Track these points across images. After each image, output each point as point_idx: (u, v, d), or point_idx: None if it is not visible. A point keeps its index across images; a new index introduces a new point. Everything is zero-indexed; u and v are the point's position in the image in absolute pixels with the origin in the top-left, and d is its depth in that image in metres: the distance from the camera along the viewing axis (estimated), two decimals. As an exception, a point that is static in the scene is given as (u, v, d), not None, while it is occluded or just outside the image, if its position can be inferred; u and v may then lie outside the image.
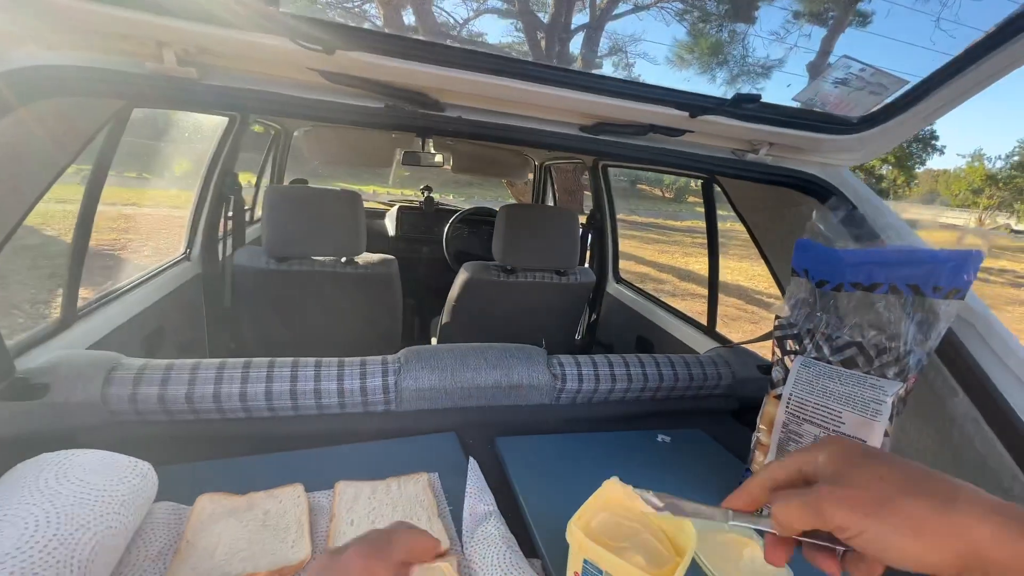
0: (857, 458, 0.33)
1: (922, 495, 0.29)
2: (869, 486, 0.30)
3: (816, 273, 0.64)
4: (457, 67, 0.58)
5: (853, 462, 0.32)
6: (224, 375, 0.71)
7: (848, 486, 0.31)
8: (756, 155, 0.76)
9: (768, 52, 7.23)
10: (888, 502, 0.29)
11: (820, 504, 0.31)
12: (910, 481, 0.30)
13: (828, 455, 0.33)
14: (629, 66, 4.25)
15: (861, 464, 0.32)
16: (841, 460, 0.33)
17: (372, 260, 1.59)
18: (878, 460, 0.32)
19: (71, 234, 0.94)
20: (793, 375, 0.64)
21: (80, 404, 0.65)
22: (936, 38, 2.23)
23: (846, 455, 0.33)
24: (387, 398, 0.77)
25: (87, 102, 0.65)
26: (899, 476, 0.30)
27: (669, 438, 0.88)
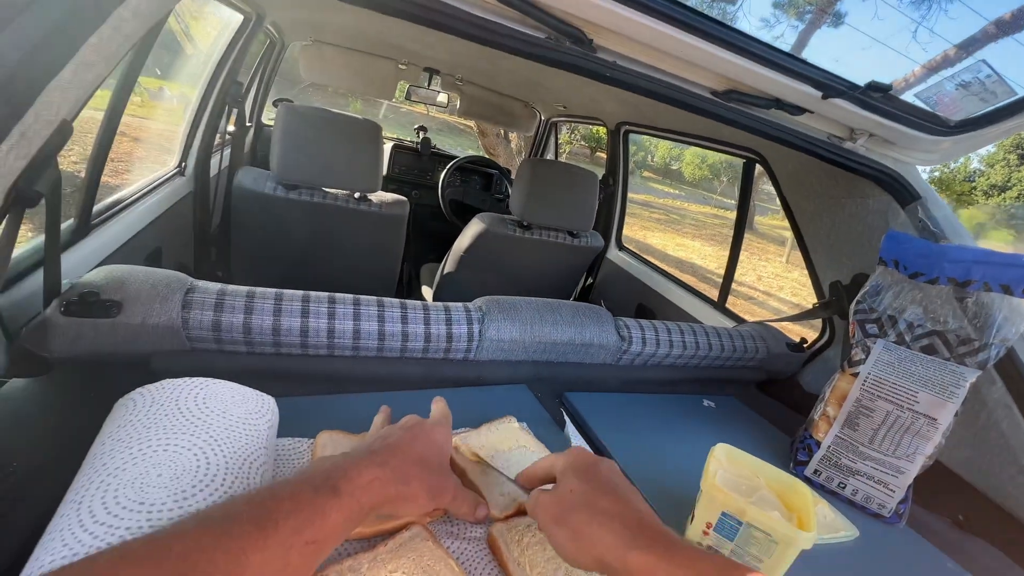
0: (568, 471, 0.43)
1: (587, 511, 0.39)
2: (559, 501, 0.41)
3: (910, 265, 0.68)
4: (618, 1, 0.54)
5: (565, 474, 0.43)
6: (311, 308, 0.66)
7: (553, 495, 0.42)
8: (853, 144, 0.78)
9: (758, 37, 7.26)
10: (566, 515, 0.40)
11: (535, 503, 0.43)
12: (581, 502, 0.40)
13: (562, 464, 0.45)
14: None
15: (567, 478, 0.43)
16: (562, 470, 0.44)
17: (386, 200, 1.50)
18: (579, 477, 0.42)
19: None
20: (874, 356, 0.69)
21: (158, 327, 0.58)
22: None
23: (566, 466, 0.44)
24: (470, 346, 0.76)
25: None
26: (578, 496, 0.40)
27: (713, 403, 0.93)
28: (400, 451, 0.42)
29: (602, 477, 0.42)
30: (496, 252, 1.65)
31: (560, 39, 0.56)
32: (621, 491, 0.41)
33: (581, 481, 0.41)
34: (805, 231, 1.10)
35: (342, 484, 0.36)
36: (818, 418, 0.75)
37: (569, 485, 0.42)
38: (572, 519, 0.39)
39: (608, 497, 0.40)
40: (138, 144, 3.50)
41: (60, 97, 0.36)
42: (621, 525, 0.37)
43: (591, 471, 0.43)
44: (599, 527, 0.37)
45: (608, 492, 0.40)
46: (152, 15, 0.49)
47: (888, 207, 0.85)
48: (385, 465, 0.39)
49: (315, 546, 0.33)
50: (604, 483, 0.41)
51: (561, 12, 0.55)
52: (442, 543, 0.47)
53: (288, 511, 0.32)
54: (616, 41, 0.60)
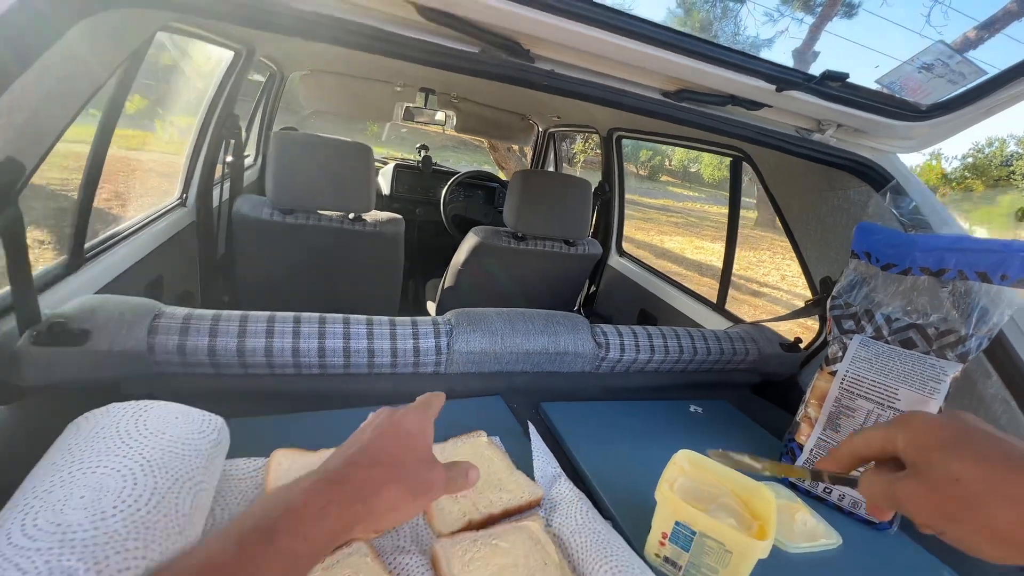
0: (934, 451, 0.32)
1: (1002, 498, 0.28)
2: (945, 489, 0.30)
3: (882, 256, 0.65)
4: (552, 12, 0.54)
5: (930, 457, 0.32)
6: (276, 329, 0.67)
7: (925, 484, 0.31)
8: (822, 135, 0.76)
9: (758, 32, 7.15)
10: (965, 508, 0.29)
11: (900, 500, 0.32)
12: (988, 484, 0.29)
13: (906, 441, 0.34)
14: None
15: (937, 461, 0.31)
16: (918, 450, 0.33)
17: (380, 218, 1.53)
18: (954, 455, 0.31)
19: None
20: (851, 353, 0.66)
21: (124, 353, 0.60)
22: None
23: (923, 444, 0.33)
24: (438, 359, 0.76)
25: (129, 19, 0.58)
26: (976, 478, 0.29)
27: (701, 409, 0.91)
28: (362, 459, 0.37)
29: (986, 447, 0.31)
30: (492, 264, 1.66)
31: (494, 52, 0.57)
32: (1018, 455, 0.30)
33: (961, 459, 0.30)
34: (794, 227, 1.07)
35: (280, 524, 0.31)
36: (800, 420, 0.72)
37: (945, 470, 0.31)
38: (984, 519, 0.29)
39: (1015, 474, 0.29)
40: (164, 179, 3.67)
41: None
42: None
43: (966, 441, 0.31)
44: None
45: (1011, 465, 0.29)
46: (107, 56, 0.52)
47: (868, 198, 0.82)
48: (343, 483, 0.34)
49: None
50: (999, 455, 0.30)
51: (492, 26, 0.56)
52: (384, 559, 0.46)
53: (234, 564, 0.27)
54: (555, 50, 0.61)
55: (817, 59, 3.18)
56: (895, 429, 0.35)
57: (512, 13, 0.53)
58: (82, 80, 0.52)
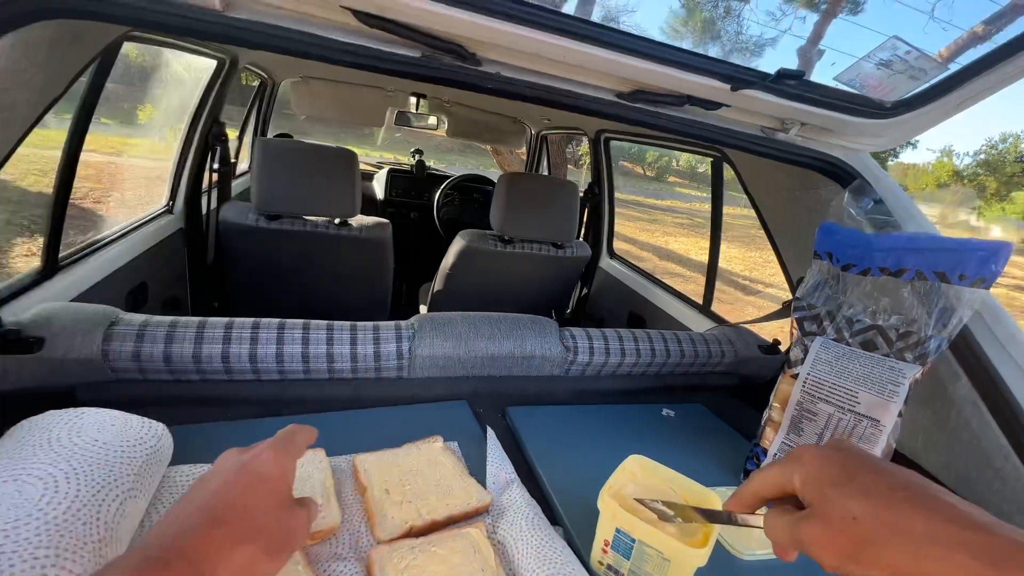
0: (827, 488, 0.31)
1: (900, 536, 0.27)
2: (843, 529, 0.29)
3: (842, 257, 0.64)
4: (497, 16, 0.54)
5: (825, 494, 0.31)
6: (232, 335, 0.67)
7: (824, 524, 0.30)
8: (786, 135, 0.75)
9: (762, 31, 7.14)
10: (863, 546, 0.28)
11: (803, 542, 0.30)
12: (879, 521, 0.28)
13: (801, 479, 0.32)
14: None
15: (832, 498, 0.30)
16: (813, 488, 0.32)
17: (366, 223, 1.53)
18: (846, 491, 0.30)
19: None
20: (812, 355, 0.65)
21: (79, 360, 0.61)
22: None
23: (816, 481, 0.32)
24: (400, 364, 0.76)
25: (81, 30, 0.59)
26: (868, 515, 0.29)
27: (673, 412, 0.89)
28: (202, 520, 0.31)
29: (879, 481, 0.30)
30: (480, 268, 1.66)
31: (437, 56, 0.57)
32: (928, 496, 0.29)
33: (856, 497, 0.30)
34: (772, 227, 1.05)
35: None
36: (765, 424, 0.71)
37: (842, 509, 0.30)
38: (884, 555, 0.27)
39: (919, 512, 0.28)
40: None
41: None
42: (969, 556, 0.26)
43: (858, 476, 0.31)
44: (935, 563, 0.26)
45: (911, 502, 0.28)
46: (56, 68, 0.52)
47: (836, 196, 0.81)
48: (175, 560, 0.28)
49: None
50: (891, 490, 0.29)
51: (436, 30, 0.56)
52: (319, 566, 0.46)
53: None
54: (502, 53, 0.60)
55: (822, 57, 3.15)
56: (790, 467, 0.33)
57: (454, 18, 0.53)
58: (23, 92, 0.52)
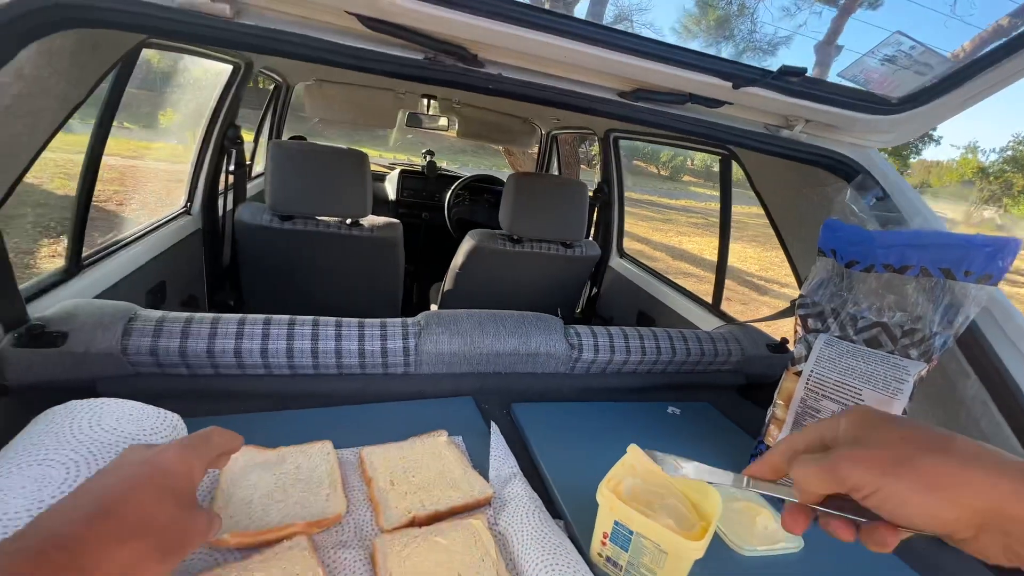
0: (878, 422, 0.32)
1: (942, 452, 0.28)
2: (887, 446, 0.30)
3: (845, 253, 0.64)
4: (499, 19, 0.55)
5: (873, 426, 0.32)
6: (245, 331, 0.70)
7: (865, 447, 0.30)
8: (791, 132, 0.75)
9: (776, 29, 7.03)
10: (906, 460, 0.28)
11: (837, 465, 0.30)
12: (931, 440, 0.29)
13: (849, 421, 0.33)
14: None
15: (880, 427, 0.31)
16: (861, 425, 0.32)
17: (377, 223, 1.56)
18: (899, 423, 0.31)
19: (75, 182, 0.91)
20: (816, 352, 0.65)
21: (100, 354, 0.63)
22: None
23: (867, 420, 0.32)
24: (407, 360, 0.77)
25: (100, 39, 0.62)
26: (920, 436, 0.30)
27: (679, 410, 0.89)
28: (89, 513, 0.29)
29: (908, 422, 0.32)
30: (490, 267, 1.67)
31: (440, 58, 0.58)
32: (968, 439, 0.30)
33: (898, 428, 0.31)
34: (780, 225, 1.05)
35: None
36: (769, 422, 0.71)
37: (883, 436, 0.31)
38: (918, 464, 0.28)
39: (962, 441, 0.29)
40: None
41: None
42: (998, 460, 0.27)
43: (897, 419, 0.32)
44: (973, 468, 0.27)
45: (954, 435, 0.30)
46: (83, 73, 0.55)
47: (842, 193, 0.80)
48: (52, 550, 0.26)
49: None
50: (921, 425, 0.31)
51: (439, 33, 0.57)
52: (324, 553, 0.48)
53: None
54: (504, 55, 0.61)
55: (840, 53, 3.07)
56: (834, 419, 0.34)
57: (455, 20, 0.55)
58: (47, 99, 0.55)
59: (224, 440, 0.40)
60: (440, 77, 0.58)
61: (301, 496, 0.53)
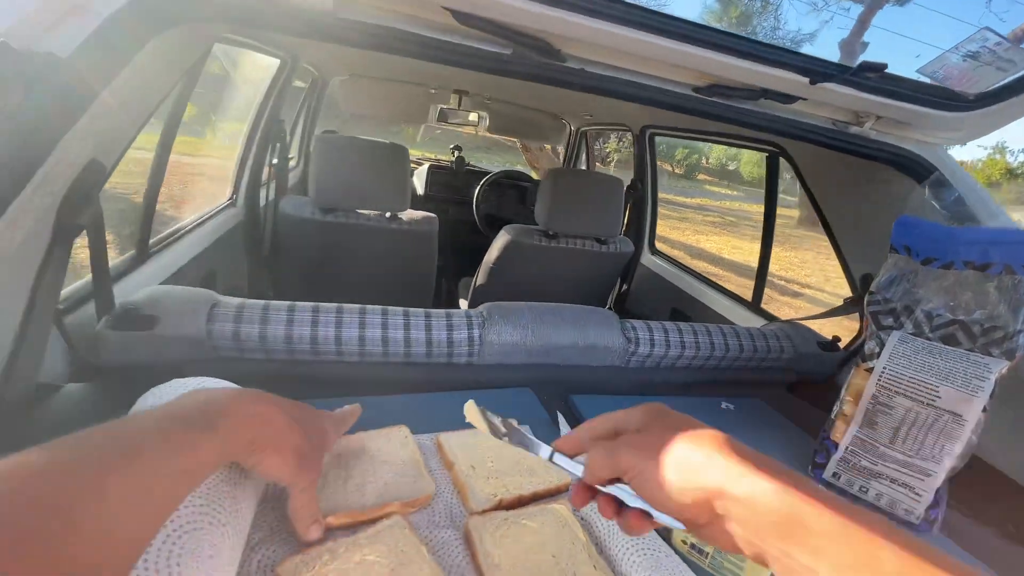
0: (661, 415, 0.36)
1: (696, 440, 0.31)
2: (657, 434, 0.33)
3: (922, 250, 0.64)
4: (581, 12, 0.56)
5: (655, 417, 0.36)
6: (320, 318, 0.72)
7: (642, 434, 0.35)
8: (860, 128, 0.75)
9: (800, 25, 6.84)
10: (665, 445, 0.32)
11: (617, 449, 0.34)
12: (693, 432, 0.32)
13: (641, 413, 0.37)
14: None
15: (660, 418, 0.36)
16: (648, 416, 0.36)
17: (415, 217, 1.58)
18: (677, 417, 0.36)
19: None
20: (889, 349, 0.65)
21: (187, 338, 0.66)
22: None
23: (652, 413, 0.37)
24: (471, 350, 0.79)
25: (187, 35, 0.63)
26: (686, 427, 0.33)
27: (733, 406, 0.90)
28: (288, 404, 0.43)
29: (682, 417, 0.36)
30: (524, 262, 1.68)
31: (526, 52, 0.59)
32: (719, 432, 0.34)
33: (671, 418, 0.36)
34: (833, 223, 1.04)
35: (219, 420, 0.35)
36: (836, 418, 0.71)
37: (658, 424, 0.35)
38: (673, 448, 0.32)
39: (712, 434, 0.33)
40: (212, 182, 3.89)
41: (80, 142, 0.44)
42: (731, 450, 0.31)
43: (677, 414, 0.37)
44: (710, 453, 0.30)
45: (697, 424, 0.35)
46: (173, 66, 0.57)
47: (911, 191, 0.80)
48: (270, 404, 0.41)
49: (185, 477, 0.32)
50: (693, 422, 0.35)
51: (525, 27, 0.58)
52: (420, 532, 0.49)
53: (154, 441, 0.30)
54: (585, 49, 0.62)
55: (866, 50, 3.03)
56: (633, 411, 0.38)
57: (543, 15, 0.56)
58: (151, 91, 0.57)
59: (352, 419, 0.49)
60: (526, 71, 0.59)
61: (390, 478, 0.54)
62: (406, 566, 0.44)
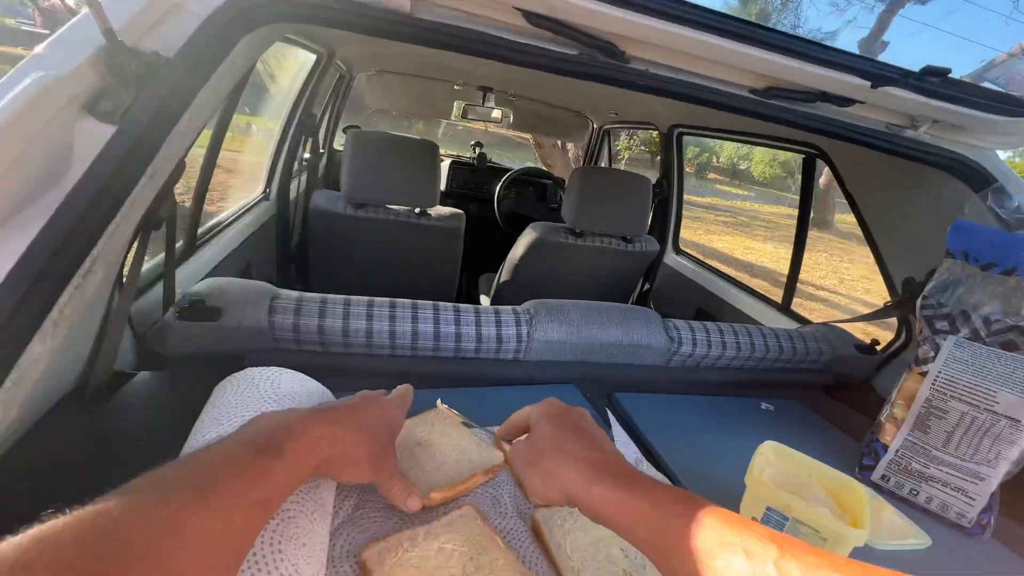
0: (540, 420, 0.45)
1: (553, 454, 0.40)
2: (534, 444, 0.43)
3: (982, 256, 0.64)
4: (647, 13, 0.57)
5: (537, 423, 0.45)
6: (374, 312, 0.73)
7: (527, 442, 0.44)
8: (915, 132, 0.74)
9: (821, 24, 6.75)
10: (539, 456, 0.41)
11: (513, 454, 0.45)
12: (553, 442, 0.41)
13: (534, 414, 0.46)
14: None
15: (537, 425, 0.45)
16: (536, 419, 0.45)
17: (443, 213, 1.59)
18: (548, 422, 0.44)
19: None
20: (945, 353, 0.65)
21: (250, 329, 0.67)
22: None
23: (539, 415, 0.45)
24: (519, 347, 0.80)
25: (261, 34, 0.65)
26: (548, 436, 0.42)
27: (772, 407, 0.90)
28: (350, 414, 0.43)
29: (571, 423, 0.44)
30: (550, 260, 1.69)
31: (592, 54, 0.60)
32: (588, 434, 0.43)
33: (552, 427, 0.43)
34: (873, 227, 1.04)
35: (287, 443, 0.35)
36: (885, 420, 0.71)
37: (540, 432, 0.43)
38: (543, 462, 0.40)
39: (576, 439, 0.41)
40: (230, 175, 3.93)
41: (180, 140, 0.45)
42: (585, 464, 0.38)
43: (562, 417, 0.44)
44: (566, 467, 0.39)
45: (576, 435, 0.42)
46: (244, 65, 0.58)
47: (963, 196, 0.80)
48: (334, 423, 0.40)
49: (260, 508, 0.32)
50: (573, 428, 0.43)
51: (592, 29, 0.59)
52: (491, 522, 0.51)
53: (227, 475, 0.31)
54: (648, 50, 0.63)
55: (886, 49, 2.95)
56: (533, 407, 0.47)
57: (610, 16, 0.56)
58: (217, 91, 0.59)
59: (411, 398, 0.54)
60: (593, 72, 0.60)
61: (456, 454, 0.56)
62: (483, 554, 0.45)
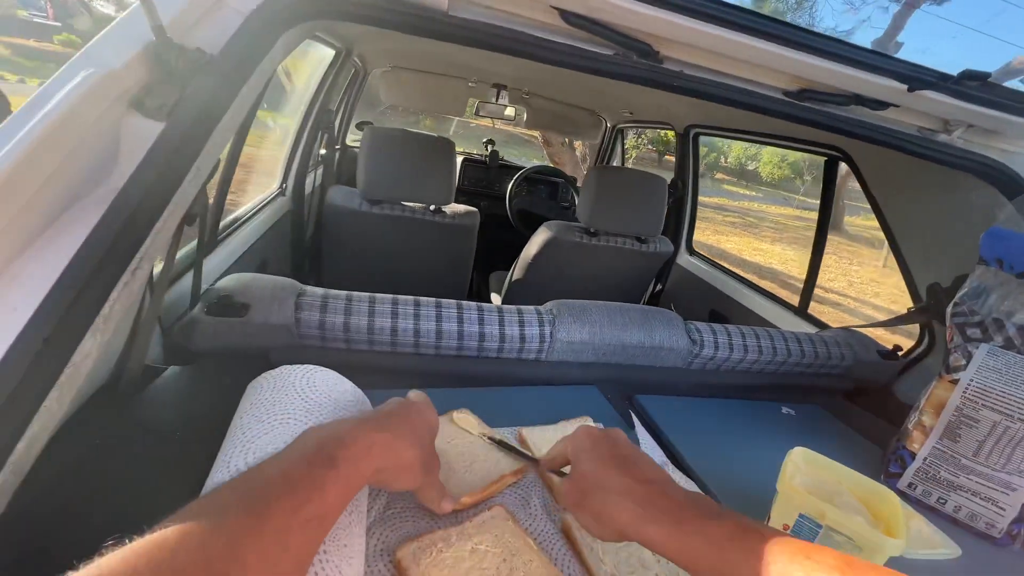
0: (579, 455, 0.45)
1: (598, 494, 0.40)
2: (578, 482, 0.43)
3: (1017, 263, 0.63)
4: (682, 12, 0.56)
5: (577, 459, 0.44)
6: (399, 311, 0.73)
7: (571, 480, 0.44)
8: (948, 136, 0.73)
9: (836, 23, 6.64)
10: (584, 496, 0.41)
11: (560, 492, 0.48)
12: (597, 480, 0.41)
13: (570, 449, 0.46)
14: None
15: (577, 462, 0.44)
16: (573, 455, 0.45)
17: (458, 211, 1.59)
18: (586, 457, 0.44)
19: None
20: (977, 362, 0.64)
21: (276, 326, 0.68)
22: None
23: (575, 450, 0.45)
24: (541, 347, 0.80)
25: (295, 32, 0.65)
26: (591, 473, 0.42)
27: (793, 412, 0.90)
28: (398, 421, 0.43)
29: (609, 452, 0.43)
30: (563, 259, 1.68)
31: (627, 54, 0.59)
32: (629, 462, 0.42)
33: (591, 462, 0.43)
34: (897, 231, 1.03)
35: (339, 453, 0.35)
36: (912, 428, 0.71)
37: (581, 469, 0.43)
38: (590, 503, 0.40)
39: (618, 472, 0.41)
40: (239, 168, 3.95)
41: (220, 137, 0.45)
42: (633, 502, 0.38)
43: (598, 449, 0.44)
44: (614, 507, 0.39)
45: (618, 467, 0.41)
46: (279, 62, 0.58)
47: (994, 202, 0.79)
48: (384, 430, 0.40)
49: (316, 522, 0.31)
50: (611, 459, 0.42)
51: (627, 28, 0.58)
52: (522, 524, 0.51)
53: (280, 492, 0.30)
54: (682, 51, 0.62)
55: (900, 50, 2.95)
56: (569, 441, 0.47)
57: (648, 16, 0.55)
58: (256, 87, 0.58)
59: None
60: (628, 72, 0.59)
61: (483, 455, 0.56)
62: (516, 556, 0.45)
